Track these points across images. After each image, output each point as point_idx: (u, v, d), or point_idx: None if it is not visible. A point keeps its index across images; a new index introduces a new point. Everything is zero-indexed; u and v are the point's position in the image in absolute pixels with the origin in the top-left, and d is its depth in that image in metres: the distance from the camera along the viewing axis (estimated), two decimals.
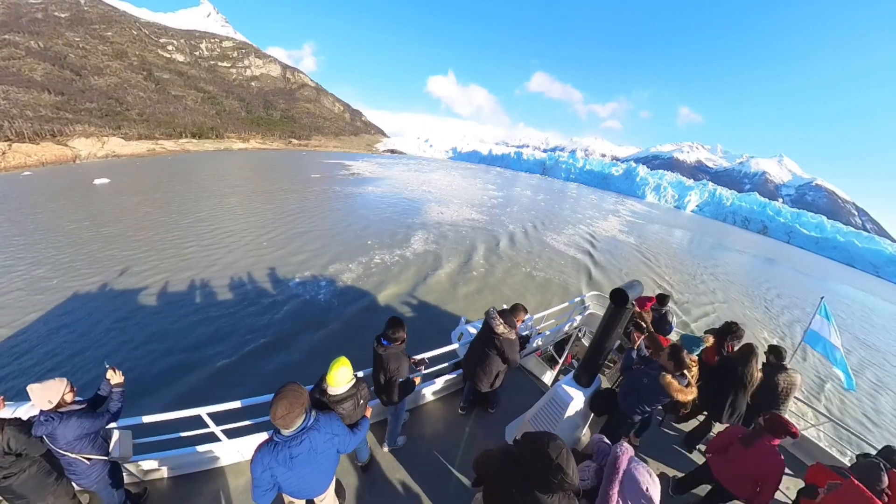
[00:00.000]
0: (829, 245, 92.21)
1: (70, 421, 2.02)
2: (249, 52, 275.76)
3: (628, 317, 2.76)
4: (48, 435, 1.99)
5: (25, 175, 43.29)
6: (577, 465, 1.47)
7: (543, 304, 13.07)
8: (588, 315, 5.97)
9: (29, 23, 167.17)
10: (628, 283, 2.67)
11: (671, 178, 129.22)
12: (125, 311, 10.09)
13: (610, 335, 2.77)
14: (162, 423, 2.49)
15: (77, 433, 2.05)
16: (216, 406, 2.56)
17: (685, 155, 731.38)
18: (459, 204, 34.66)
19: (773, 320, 18.45)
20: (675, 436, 4.06)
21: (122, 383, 2.37)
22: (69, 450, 2.05)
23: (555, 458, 1.40)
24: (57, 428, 1.99)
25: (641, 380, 2.81)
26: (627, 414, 2.92)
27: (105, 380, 2.34)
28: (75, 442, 2.06)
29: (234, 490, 2.79)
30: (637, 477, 1.71)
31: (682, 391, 2.60)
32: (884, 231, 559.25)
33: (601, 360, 3.00)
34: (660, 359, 2.81)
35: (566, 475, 1.39)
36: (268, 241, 17.15)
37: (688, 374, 2.69)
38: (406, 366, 2.82)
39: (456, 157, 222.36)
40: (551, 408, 3.08)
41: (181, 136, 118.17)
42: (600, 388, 3.24)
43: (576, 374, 3.13)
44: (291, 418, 1.67)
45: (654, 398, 2.77)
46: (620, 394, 3.02)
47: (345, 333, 9.51)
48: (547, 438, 1.47)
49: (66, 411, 2.05)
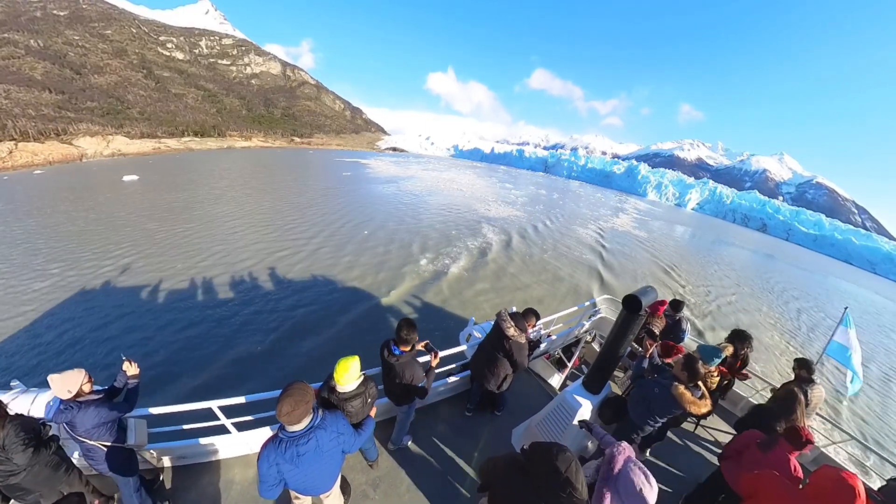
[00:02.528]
0: (826, 242, 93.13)
1: (88, 410, 2.12)
2: (249, 49, 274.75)
3: (641, 324, 2.70)
4: (68, 423, 2.10)
5: (38, 174, 43.80)
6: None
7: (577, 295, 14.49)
8: (599, 319, 5.91)
9: (28, 21, 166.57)
10: (642, 289, 2.62)
11: (672, 177, 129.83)
12: (183, 305, 10.52)
13: (622, 342, 2.72)
14: (175, 413, 2.60)
15: (95, 421, 2.15)
16: (227, 399, 2.65)
17: (686, 152, 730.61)
18: (495, 202, 37.48)
19: (789, 322, 18.22)
20: (687, 445, 3.89)
21: (138, 375, 2.47)
22: (88, 437, 2.15)
23: (563, 472, 1.38)
24: (76, 416, 2.09)
25: (653, 389, 2.73)
26: (637, 424, 2.86)
27: (121, 371, 2.43)
28: (93, 430, 2.16)
29: (243, 482, 2.86)
30: (632, 478, 1.69)
31: (696, 403, 2.50)
32: (883, 229, 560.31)
33: (612, 367, 2.94)
34: (673, 368, 2.73)
35: (575, 489, 1.37)
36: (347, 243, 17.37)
37: (702, 385, 2.59)
38: (420, 372, 2.77)
39: (458, 155, 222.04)
40: (559, 414, 3.04)
41: (183, 135, 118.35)
42: (610, 396, 3.18)
43: (585, 381, 3.09)
44: (296, 416, 1.70)
45: (665, 409, 2.68)
46: (630, 403, 2.94)
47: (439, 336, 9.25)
48: (556, 450, 1.44)
49: (85, 401, 2.15)
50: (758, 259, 40.27)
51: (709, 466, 3.62)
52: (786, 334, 16.29)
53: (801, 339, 15.95)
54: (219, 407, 2.65)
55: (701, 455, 3.85)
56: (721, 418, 4.36)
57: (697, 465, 3.69)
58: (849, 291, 35.88)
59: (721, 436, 4.07)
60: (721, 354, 3.10)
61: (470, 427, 3.69)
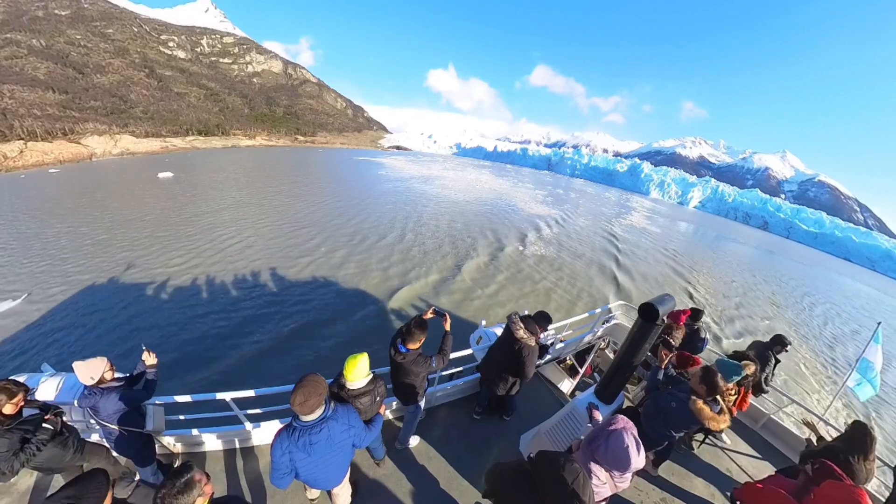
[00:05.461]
0: (827, 240, 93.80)
1: (110, 396, 2.23)
2: (250, 48, 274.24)
3: (657, 333, 2.60)
4: (91, 408, 2.22)
5: (53, 172, 44.66)
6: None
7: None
8: (613, 325, 5.73)
9: (30, 21, 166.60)
10: (659, 297, 2.50)
11: (675, 175, 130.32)
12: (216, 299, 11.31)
13: (637, 352, 2.64)
14: (191, 403, 2.74)
15: (116, 407, 2.25)
16: (241, 392, 2.71)
17: (688, 150, 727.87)
18: (529, 201, 41.73)
19: (814, 328, 18.19)
20: (701, 463, 3.65)
21: (156, 364, 2.58)
22: (109, 422, 2.26)
23: (570, 484, 1.36)
24: (99, 402, 2.21)
25: (669, 403, 2.63)
26: (651, 437, 2.75)
27: (141, 360, 2.54)
28: (114, 415, 2.26)
29: (254, 471, 2.94)
30: (623, 436, 1.73)
31: (715, 419, 2.40)
32: (885, 227, 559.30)
33: (626, 376, 2.86)
34: (690, 381, 2.63)
35: (582, 502, 1.35)
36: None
37: (721, 399, 2.48)
38: (425, 372, 2.76)
39: (460, 154, 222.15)
40: (569, 422, 2.96)
41: (188, 134, 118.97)
42: (622, 407, 3.07)
43: (597, 390, 3.00)
44: (310, 406, 1.73)
45: (682, 424, 2.59)
46: (644, 415, 2.83)
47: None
48: (563, 460, 1.43)
49: (107, 387, 2.26)
50: (762, 256, 41.50)
51: (721, 484, 3.42)
52: (809, 340, 16.10)
53: (828, 354, 15.33)
54: (232, 399, 2.71)
55: (715, 470, 3.59)
56: (737, 434, 4.07)
57: (712, 483, 3.44)
58: (849, 289, 36.85)
59: (742, 458, 3.79)
60: (741, 372, 2.84)
61: (478, 430, 3.65)
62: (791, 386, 11.34)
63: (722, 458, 3.77)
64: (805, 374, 12.71)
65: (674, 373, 3.14)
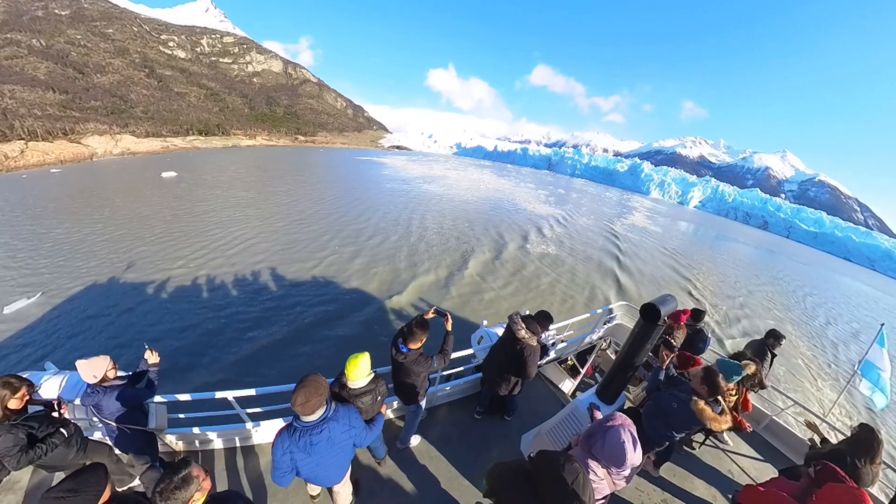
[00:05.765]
0: (827, 240, 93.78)
1: (113, 394, 2.25)
2: (250, 47, 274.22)
3: (659, 334, 2.61)
4: (94, 406, 2.24)
5: (55, 172, 44.73)
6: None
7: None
8: (615, 326, 5.74)
9: (30, 21, 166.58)
10: (661, 297, 2.51)
11: (675, 174, 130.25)
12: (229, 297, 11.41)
13: (638, 352, 2.65)
14: (193, 402, 2.77)
15: (118, 405, 2.27)
16: (243, 391, 2.73)
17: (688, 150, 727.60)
18: (531, 201, 42.54)
19: (815, 326, 18.37)
20: (701, 464, 3.64)
21: (158, 363, 2.60)
22: (112, 419, 2.28)
23: (570, 483, 1.36)
24: (102, 400, 2.23)
25: (670, 404, 2.63)
26: (652, 437, 2.75)
27: (143, 359, 2.57)
28: (117, 413, 2.28)
29: (255, 469, 2.96)
30: (620, 432, 1.73)
31: (717, 419, 2.41)
32: (886, 227, 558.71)
33: (627, 377, 2.87)
34: (691, 382, 2.63)
35: (582, 502, 1.35)
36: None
37: (722, 400, 2.50)
38: (426, 372, 2.76)
39: (461, 153, 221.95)
40: (570, 422, 2.97)
41: (188, 134, 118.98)
42: (623, 407, 3.08)
43: (598, 390, 3.01)
44: (310, 406, 1.74)
45: (683, 425, 2.59)
46: (645, 416, 2.83)
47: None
48: (563, 460, 1.43)
49: (110, 386, 2.28)
50: (763, 255, 41.71)
51: (723, 485, 3.42)
52: (811, 340, 16.14)
53: (831, 354, 15.35)
54: (234, 398, 2.73)
55: (716, 472, 3.58)
56: (739, 435, 4.04)
57: (714, 485, 3.44)
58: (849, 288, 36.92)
59: (743, 459, 3.79)
60: (742, 371, 2.90)
61: (479, 430, 3.67)
62: (793, 387, 11.32)
63: (723, 459, 3.75)
64: (807, 375, 12.68)
65: (675, 373, 3.13)
